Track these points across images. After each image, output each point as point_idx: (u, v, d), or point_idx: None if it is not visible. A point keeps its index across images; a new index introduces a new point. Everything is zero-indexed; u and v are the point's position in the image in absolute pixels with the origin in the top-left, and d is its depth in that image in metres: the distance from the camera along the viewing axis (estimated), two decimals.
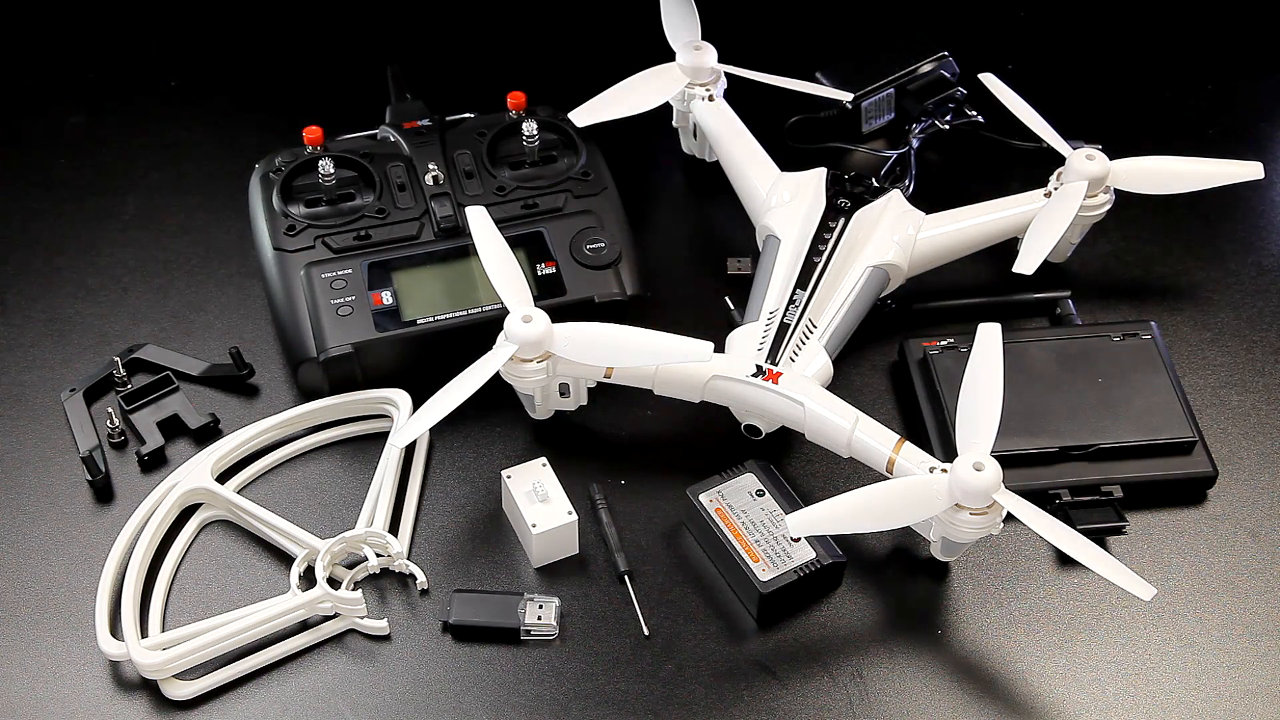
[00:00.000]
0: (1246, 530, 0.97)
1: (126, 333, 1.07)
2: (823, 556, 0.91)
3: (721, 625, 0.92)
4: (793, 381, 0.95)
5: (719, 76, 1.14)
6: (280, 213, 1.04)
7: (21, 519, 0.97)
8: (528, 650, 0.90)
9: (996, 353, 0.91)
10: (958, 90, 1.17)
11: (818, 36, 1.31)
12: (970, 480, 0.85)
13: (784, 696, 0.88)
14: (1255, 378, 1.05)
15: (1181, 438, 0.97)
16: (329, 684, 0.89)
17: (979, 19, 1.32)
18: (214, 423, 1.01)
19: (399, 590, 0.93)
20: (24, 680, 0.89)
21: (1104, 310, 1.09)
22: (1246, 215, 1.16)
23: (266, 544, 0.95)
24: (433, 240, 1.03)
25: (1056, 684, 0.89)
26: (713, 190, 1.15)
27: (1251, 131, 1.23)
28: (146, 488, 0.97)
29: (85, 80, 1.27)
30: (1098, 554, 0.85)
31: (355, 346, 0.99)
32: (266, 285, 1.03)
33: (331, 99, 1.24)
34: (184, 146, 1.21)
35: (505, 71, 1.13)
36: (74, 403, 1.01)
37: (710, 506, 0.93)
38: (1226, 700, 0.89)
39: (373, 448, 1.00)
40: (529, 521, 0.92)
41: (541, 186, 1.07)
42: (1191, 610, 0.93)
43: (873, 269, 1.02)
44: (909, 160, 1.14)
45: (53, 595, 0.93)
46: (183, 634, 0.89)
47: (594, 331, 0.95)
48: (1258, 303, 1.10)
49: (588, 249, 1.03)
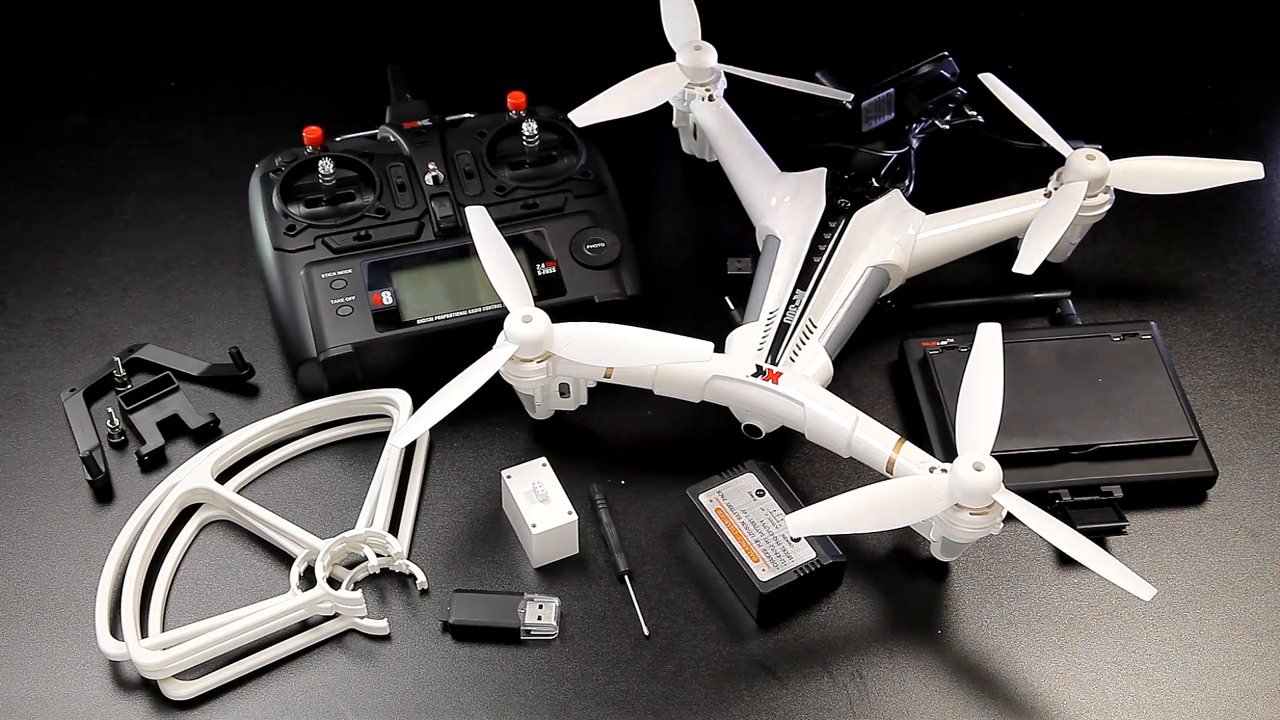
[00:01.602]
0: (1246, 530, 0.97)
1: (126, 333, 1.07)
2: (823, 556, 0.91)
3: (721, 625, 0.92)
4: (793, 381, 0.95)
5: (719, 76, 1.14)
6: (280, 213, 1.04)
7: (21, 519, 0.97)
8: (528, 650, 0.90)
9: (996, 353, 0.91)
10: (958, 90, 1.17)
11: (818, 36, 1.31)
12: (970, 480, 0.85)
13: (784, 696, 0.88)
14: (1255, 378, 1.05)
15: (1181, 438, 0.97)
16: (329, 684, 0.89)
17: (979, 19, 1.32)
18: (214, 423, 1.01)
19: (399, 590, 0.93)
20: (24, 680, 0.89)
21: (1104, 310, 1.09)
22: (1246, 215, 1.16)
23: (266, 544, 0.95)
24: (433, 240, 1.03)
25: (1056, 684, 0.89)
26: (713, 190, 1.15)
27: (1251, 131, 1.23)
28: (146, 488, 0.97)
29: (85, 80, 1.26)
30: (1098, 554, 0.85)
31: (355, 346, 0.99)
32: (266, 285, 1.03)
33: (331, 99, 1.24)
34: (184, 146, 1.21)
35: (505, 71, 1.13)
36: (74, 403, 1.01)
37: (710, 506, 0.93)
38: (1226, 700, 0.89)
39: (373, 448, 1.00)
40: (529, 521, 0.92)
41: (541, 186, 1.07)
42: (1191, 610, 0.93)
43: (873, 269, 1.02)
44: (909, 160, 1.14)
45: (53, 595, 0.93)
46: (183, 634, 0.89)
47: (594, 331, 0.95)
48: (1258, 303, 1.10)
49: (588, 249, 1.03)
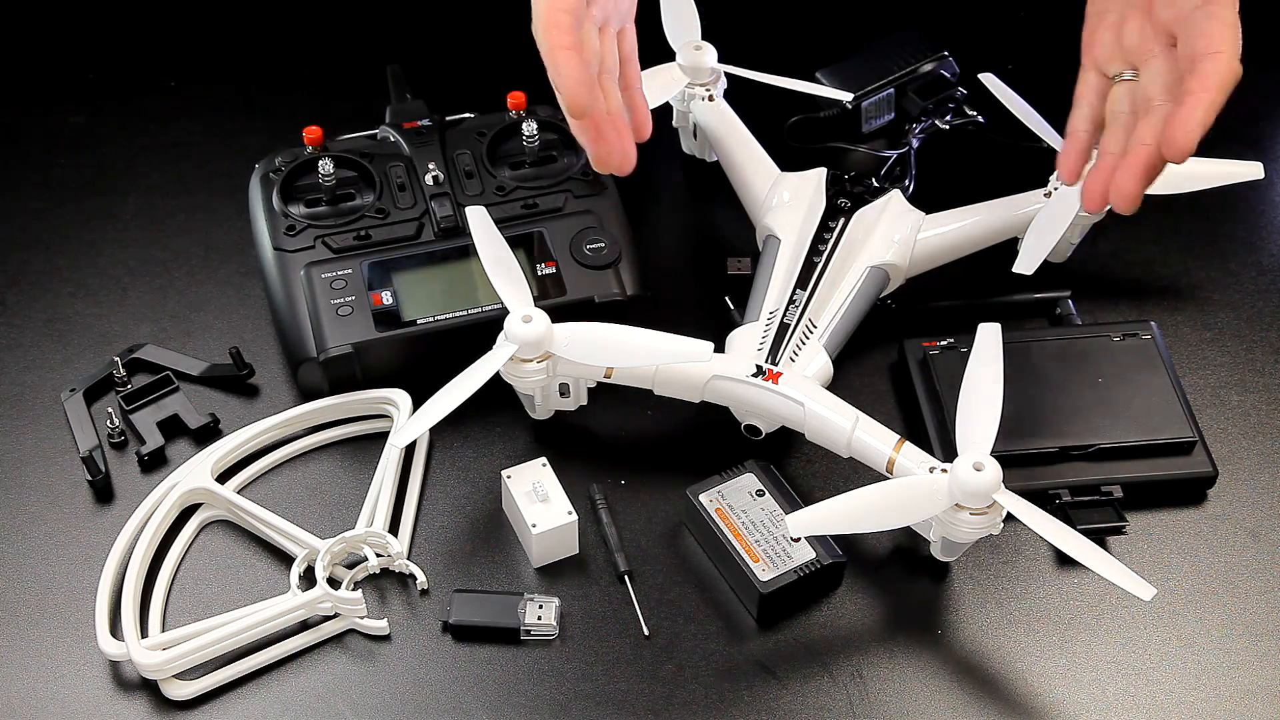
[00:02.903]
0: (1246, 530, 0.97)
1: (126, 333, 1.07)
2: (823, 556, 0.91)
3: (721, 625, 0.92)
4: (793, 381, 0.95)
5: (719, 76, 1.14)
6: (280, 213, 1.04)
7: (21, 519, 0.96)
8: (528, 650, 0.90)
9: (996, 353, 0.91)
10: (958, 90, 1.17)
11: (818, 36, 1.31)
12: (970, 480, 0.85)
13: (784, 696, 0.88)
14: (1255, 378, 1.05)
15: (1181, 438, 0.97)
16: (329, 684, 0.89)
17: (979, 19, 1.32)
18: (214, 423, 1.01)
19: (399, 590, 0.93)
20: (24, 680, 0.89)
21: (1104, 310, 1.08)
22: (1246, 215, 1.16)
23: (266, 544, 0.95)
24: (433, 240, 1.03)
25: (1056, 684, 0.89)
26: (713, 190, 1.15)
27: (1251, 131, 1.23)
28: (146, 488, 0.97)
29: (85, 80, 1.26)
30: (1098, 554, 0.85)
31: (355, 346, 0.99)
32: (266, 285, 1.03)
33: (331, 99, 1.24)
34: (184, 146, 1.21)
35: (505, 71, 1.13)
36: (74, 403, 1.01)
37: (710, 506, 0.93)
38: (1226, 700, 0.89)
39: (373, 448, 1.00)
40: (529, 521, 0.92)
41: (541, 186, 1.07)
42: (1191, 610, 0.93)
43: (872, 269, 1.02)
44: (909, 160, 1.14)
45: (53, 595, 0.93)
46: (183, 634, 0.89)
47: (594, 331, 0.95)
48: (1258, 303, 1.10)
49: (588, 249, 1.03)
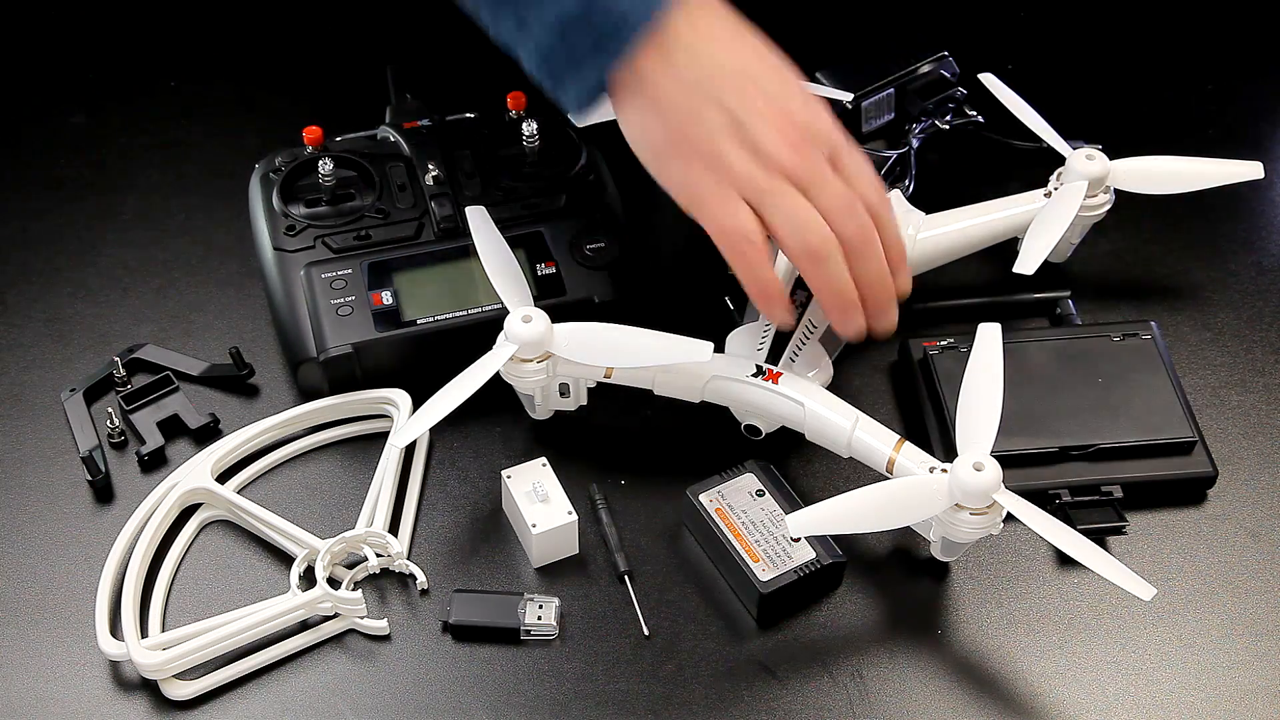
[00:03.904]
0: (1246, 530, 0.97)
1: (126, 333, 1.07)
2: (823, 556, 0.91)
3: (721, 625, 0.92)
4: (793, 381, 0.95)
5: None
6: (280, 213, 1.04)
7: (21, 519, 0.96)
8: (528, 650, 0.90)
9: (996, 353, 0.91)
10: (958, 90, 1.17)
11: (818, 36, 1.31)
12: (970, 480, 0.85)
13: (784, 696, 0.88)
14: (1255, 378, 1.05)
15: (1181, 438, 0.97)
16: (329, 684, 0.89)
17: (979, 19, 1.32)
18: (214, 423, 1.01)
19: (399, 590, 0.93)
20: (24, 680, 0.89)
21: (1104, 310, 1.08)
22: (1246, 215, 1.16)
23: (266, 544, 0.95)
24: (433, 240, 1.03)
25: (1056, 684, 0.89)
26: None
27: (1251, 131, 1.23)
28: (146, 488, 0.97)
29: (85, 80, 1.26)
30: (1098, 554, 0.85)
31: (355, 346, 0.99)
32: (266, 285, 1.03)
33: (331, 99, 1.24)
34: (184, 146, 1.21)
35: (505, 71, 1.12)
36: (74, 403, 1.01)
37: (710, 506, 0.93)
38: (1226, 700, 0.89)
39: (373, 448, 1.00)
40: (529, 521, 0.92)
41: (541, 186, 1.07)
42: (1191, 610, 0.93)
43: None
44: (909, 160, 1.14)
45: (53, 595, 0.93)
46: (183, 634, 0.89)
47: (594, 331, 0.95)
48: (1258, 303, 1.10)
49: (588, 249, 1.03)
